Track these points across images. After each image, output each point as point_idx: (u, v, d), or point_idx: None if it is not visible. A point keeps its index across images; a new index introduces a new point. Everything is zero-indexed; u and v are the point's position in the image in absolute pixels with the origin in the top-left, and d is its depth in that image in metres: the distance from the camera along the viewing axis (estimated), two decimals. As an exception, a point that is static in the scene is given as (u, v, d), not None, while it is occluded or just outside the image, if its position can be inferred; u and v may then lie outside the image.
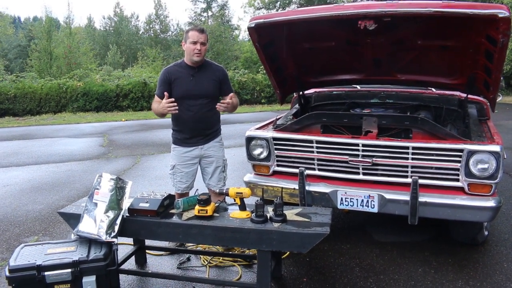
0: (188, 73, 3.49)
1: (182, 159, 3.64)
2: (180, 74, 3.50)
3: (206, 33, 3.48)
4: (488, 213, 3.04)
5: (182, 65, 3.56)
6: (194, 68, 3.50)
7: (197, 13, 44.95)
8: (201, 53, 3.43)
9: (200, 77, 3.50)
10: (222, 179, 3.75)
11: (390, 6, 3.11)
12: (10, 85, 17.05)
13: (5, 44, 40.93)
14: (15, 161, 7.66)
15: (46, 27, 27.02)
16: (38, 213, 4.76)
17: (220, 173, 3.73)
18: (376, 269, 3.31)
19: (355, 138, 3.38)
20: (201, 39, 3.39)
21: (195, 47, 3.39)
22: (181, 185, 3.69)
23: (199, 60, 3.46)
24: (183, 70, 3.51)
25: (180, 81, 3.47)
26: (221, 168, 3.74)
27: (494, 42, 3.11)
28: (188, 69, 3.51)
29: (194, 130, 3.58)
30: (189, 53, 3.44)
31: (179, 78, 3.47)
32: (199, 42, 3.39)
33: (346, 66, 4.45)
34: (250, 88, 18.71)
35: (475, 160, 3.03)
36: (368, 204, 3.27)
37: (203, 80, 3.48)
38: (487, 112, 4.15)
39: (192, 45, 3.40)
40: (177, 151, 3.66)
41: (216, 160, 3.69)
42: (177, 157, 3.66)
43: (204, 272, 3.30)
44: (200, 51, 3.41)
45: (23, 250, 2.70)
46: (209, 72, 3.53)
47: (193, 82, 3.48)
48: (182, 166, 3.65)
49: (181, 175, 3.67)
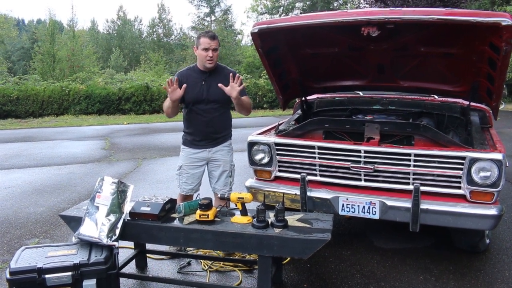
0: (200, 78, 3.49)
1: (190, 160, 3.64)
2: (192, 78, 3.49)
3: (218, 39, 3.45)
4: (490, 221, 3.03)
5: (195, 69, 3.56)
6: (206, 73, 3.50)
7: (200, 17, 45.04)
8: (213, 60, 3.42)
9: (212, 82, 3.47)
10: (228, 184, 3.71)
11: (393, 13, 3.11)
12: (13, 87, 17.11)
13: (8, 46, 41.10)
14: (17, 163, 7.67)
15: (49, 29, 27.16)
16: (39, 215, 4.76)
17: (227, 177, 3.70)
18: (377, 276, 3.29)
19: (357, 145, 3.38)
20: (212, 45, 3.37)
21: (207, 54, 3.38)
22: (186, 186, 3.67)
23: (211, 66, 3.45)
24: (195, 75, 3.51)
25: (191, 86, 3.45)
26: (228, 172, 3.70)
27: (497, 50, 3.12)
28: (200, 73, 3.51)
29: (204, 133, 3.59)
30: (202, 60, 3.44)
31: (191, 82, 3.46)
32: (211, 49, 3.38)
33: (348, 72, 4.45)
34: (252, 93, 18.74)
35: (477, 168, 3.03)
36: (370, 210, 3.27)
37: (215, 85, 3.42)
38: (490, 119, 4.15)
39: (204, 52, 3.39)
40: (185, 152, 3.67)
41: (223, 164, 3.67)
42: (185, 158, 3.66)
43: (205, 277, 3.29)
44: (212, 57, 3.39)
45: (24, 253, 2.69)
46: (221, 77, 3.47)
47: (205, 87, 3.47)
48: (188, 167, 3.65)
49: (187, 176, 3.66)
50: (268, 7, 37.65)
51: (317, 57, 4.22)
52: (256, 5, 38.69)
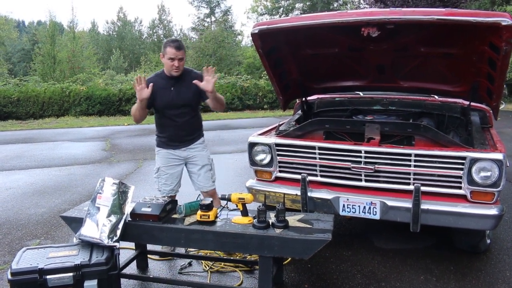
0: (168, 84, 3.53)
1: (166, 160, 3.68)
2: (161, 85, 3.53)
3: (184, 48, 3.48)
4: (491, 221, 3.03)
5: (162, 75, 3.59)
6: (174, 79, 3.53)
7: (200, 18, 45.16)
8: (179, 69, 3.46)
9: (180, 87, 3.53)
10: (210, 178, 3.74)
11: (393, 14, 3.12)
12: (14, 88, 17.16)
13: (9, 48, 41.12)
14: (18, 164, 7.68)
15: (50, 31, 27.21)
16: (40, 216, 4.76)
17: (207, 171, 3.72)
18: (378, 276, 3.29)
19: (358, 145, 3.38)
20: (178, 56, 3.41)
21: (173, 64, 3.43)
22: (166, 188, 3.69)
23: (177, 75, 3.50)
24: (164, 81, 3.55)
25: (161, 92, 3.51)
26: (208, 166, 3.72)
27: (497, 50, 3.12)
28: (168, 79, 3.54)
29: (177, 136, 3.65)
30: (168, 68, 3.49)
31: (161, 89, 3.51)
32: (177, 59, 3.42)
33: (349, 73, 4.46)
34: (253, 94, 18.75)
35: (478, 168, 3.03)
36: (370, 211, 3.27)
37: (183, 90, 3.52)
38: (490, 119, 4.15)
39: (170, 61, 3.43)
40: (161, 153, 3.71)
41: (201, 159, 3.70)
42: (161, 159, 3.70)
43: (206, 278, 3.29)
44: (178, 67, 3.44)
45: (25, 254, 2.70)
46: (188, 81, 3.49)
47: (173, 92, 3.52)
48: (166, 167, 3.68)
49: (166, 177, 3.69)
50: (268, 8, 37.71)
51: (317, 58, 4.23)
52: (256, 6, 38.77)
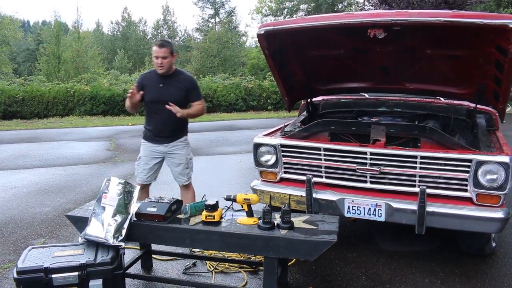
0: (159, 81, 3.80)
1: (148, 152, 3.97)
2: (152, 81, 3.82)
3: (168, 46, 3.72)
4: (497, 224, 3.02)
5: (155, 73, 3.84)
6: (164, 77, 3.79)
7: (204, 19, 45.23)
8: (164, 66, 3.71)
9: (169, 85, 3.79)
10: (185, 175, 4.01)
11: (400, 15, 3.11)
12: (19, 88, 17.22)
13: (14, 48, 41.24)
14: (23, 164, 7.71)
15: (54, 31, 27.30)
16: (45, 215, 4.78)
17: (184, 169, 3.98)
18: (382, 279, 3.29)
19: (363, 147, 3.38)
20: (160, 53, 3.66)
21: (157, 62, 3.70)
22: (143, 176, 3.97)
23: (162, 72, 3.75)
24: (155, 78, 3.83)
25: (150, 87, 3.79)
26: (184, 165, 3.97)
27: (504, 52, 3.11)
28: (158, 77, 3.81)
29: (160, 131, 3.90)
30: (155, 66, 3.78)
31: (150, 84, 3.81)
32: (160, 57, 3.67)
33: (354, 74, 4.45)
34: (257, 95, 18.76)
35: (484, 170, 3.02)
36: (375, 212, 3.26)
37: (171, 88, 3.77)
38: (496, 122, 4.13)
39: (155, 59, 3.71)
40: (145, 145, 4.01)
41: (179, 157, 3.96)
42: (144, 150, 4.00)
43: (210, 278, 3.29)
44: (161, 64, 3.69)
45: (31, 253, 2.71)
46: (177, 81, 3.81)
47: (161, 89, 3.78)
48: (146, 158, 3.97)
49: (144, 167, 3.97)
50: (273, 9, 37.77)
51: (323, 59, 4.22)
52: (261, 7, 38.83)
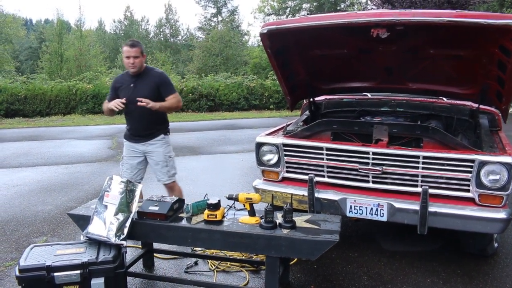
0: (130, 81, 3.85)
1: (129, 151, 4.03)
2: (124, 82, 3.89)
3: (139, 46, 3.76)
4: (499, 225, 3.01)
5: (127, 73, 3.92)
6: (135, 77, 3.83)
7: (207, 18, 45.21)
8: (135, 66, 3.74)
9: (140, 84, 3.81)
10: (165, 173, 3.99)
11: (403, 15, 3.10)
12: (21, 86, 17.22)
13: (16, 46, 41.33)
14: (25, 162, 7.73)
15: (57, 29, 27.37)
16: (47, 213, 4.79)
17: (163, 167, 3.97)
18: (384, 279, 3.28)
19: (366, 146, 3.37)
20: (132, 53, 3.69)
21: (128, 61, 3.73)
22: (126, 175, 3.96)
23: (134, 71, 3.78)
24: (127, 78, 3.89)
25: (122, 89, 3.86)
26: (163, 163, 3.97)
27: (507, 52, 3.10)
28: (130, 77, 3.87)
29: (136, 129, 3.96)
30: (125, 66, 3.82)
31: (122, 85, 3.87)
32: (132, 57, 3.70)
33: (357, 74, 4.44)
34: (259, 94, 18.77)
35: (487, 171, 3.01)
36: (377, 212, 3.26)
37: (142, 87, 3.80)
38: (499, 122, 4.13)
39: (126, 59, 3.74)
40: (126, 144, 4.07)
41: (157, 155, 3.96)
42: (126, 149, 4.07)
43: (212, 277, 3.30)
44: (133, 64, 3.72)
45: (33, 251, 2.71)
46: (147, 79, 3.83)
47: (133, 89, 3.80)
48: (128, 158, 4.03)
49: (127, 166, 4.03)
50: (275, 8, 37.71)
51: (325, 58, 4.21)
52: (263, 6, 38.77)
